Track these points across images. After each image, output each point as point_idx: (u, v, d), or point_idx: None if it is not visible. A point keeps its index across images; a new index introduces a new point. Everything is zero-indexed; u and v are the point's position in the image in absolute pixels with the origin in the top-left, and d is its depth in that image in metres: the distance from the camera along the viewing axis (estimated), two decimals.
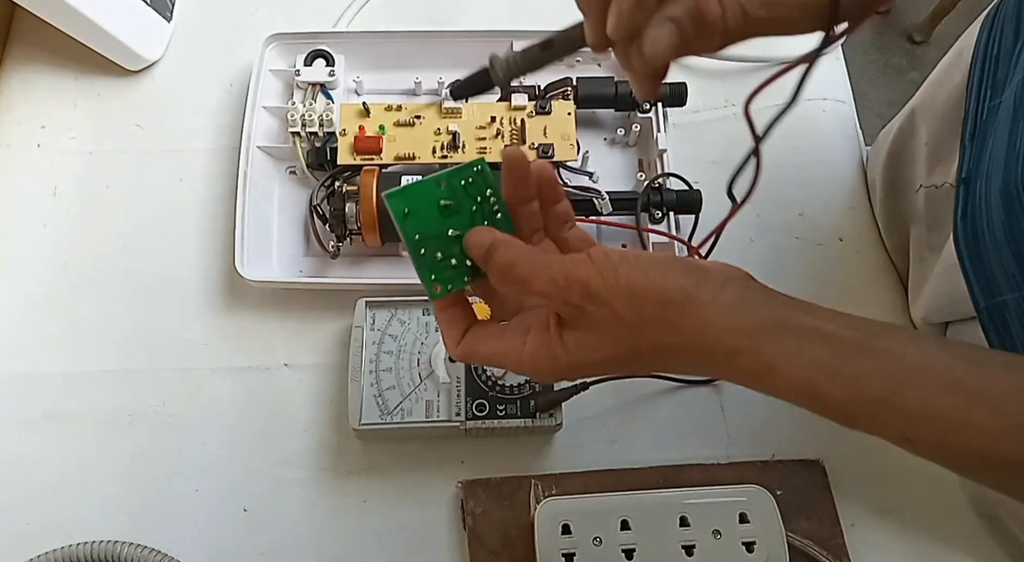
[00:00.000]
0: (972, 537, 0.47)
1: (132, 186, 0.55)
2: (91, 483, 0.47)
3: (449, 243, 0.33)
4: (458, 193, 0.34)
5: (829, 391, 0.29)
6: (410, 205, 0.33)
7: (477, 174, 0.34)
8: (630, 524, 0.43)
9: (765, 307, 0.30)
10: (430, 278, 0.33)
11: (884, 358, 0.28)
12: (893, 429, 0.29)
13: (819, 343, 0.29)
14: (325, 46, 0.55)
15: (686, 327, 0.30)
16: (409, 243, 0.33)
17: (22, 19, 0.60)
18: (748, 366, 0.30)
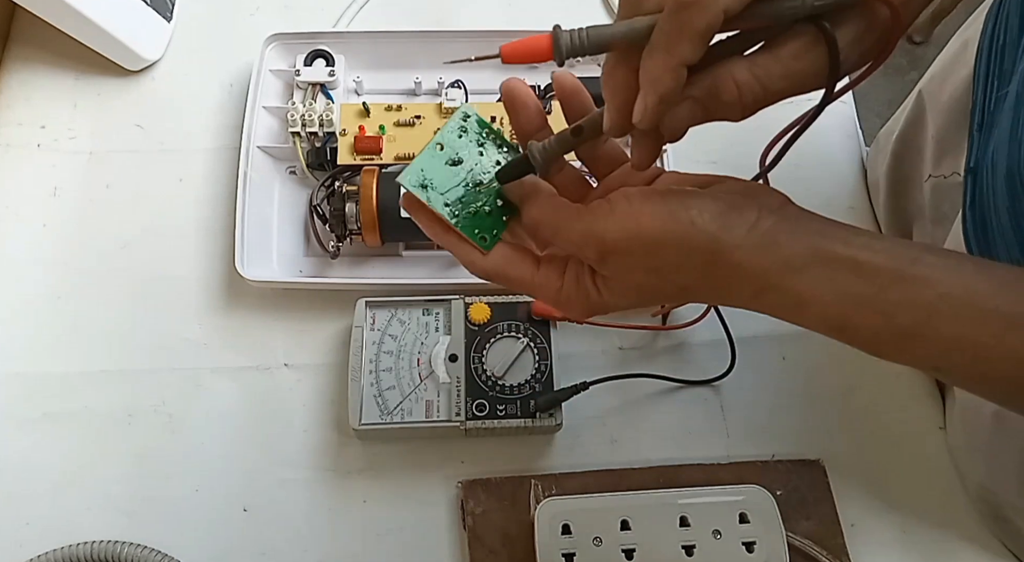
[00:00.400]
0: (973, 537, 0.47)
1: (132, 186, 0.55)
2: (91, 483, 0.47)
3: (474, 194, 0.34)
4: (459, 144, 0.34)
5: (859, 322, 0.29)
6: (425, 177, 0.33)
7: (465, 120, 0.35)
8: (630, 524, 0.43)
9: (798, 239, 0.29)
10: (475, 234, 0.34)
11: (918, 286, 0.28)
12: (923, 359, 0.29)
13: (853, 274, 0.28)
14: (325, 46, 0.55)
15: (713, 272, 0.30)
16: (444, 213, 0.33)
17: (22, 19, 0.60)
18: (778, 301, 0.30)
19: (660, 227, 0.29)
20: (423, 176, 0.33)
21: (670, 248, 0.29)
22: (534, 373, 0.47)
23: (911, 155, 0.52)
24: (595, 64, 0.58)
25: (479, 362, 0.47)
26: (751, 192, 0.31)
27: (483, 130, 0.35)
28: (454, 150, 0.34)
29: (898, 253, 0.29)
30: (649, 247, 0.29)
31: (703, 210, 0.29)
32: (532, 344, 0.48)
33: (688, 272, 0.30)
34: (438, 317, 0.49)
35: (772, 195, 0.31)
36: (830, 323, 0.29)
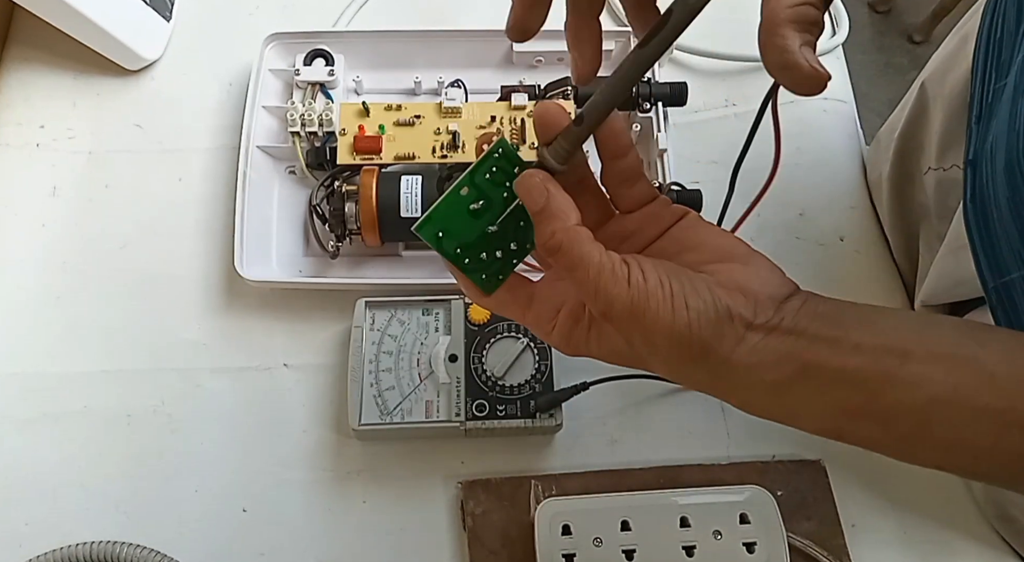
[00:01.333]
0: (974, 537, 0.47)
1: (131, 186, 0.55)
2: (91, 483, 0.47)
3: (489, 239, 0.33)
4: (485, 189, 0.32)
5: (856, 432, 0.29)
6: (442, 227, 0.32)
7: (499, 158, 0.32)
8: (630, 525, 0.43)
9: (787, 351, 0.29)
10: (481, 279, 0.33)
11: (908, 390, 0.28)
12: (927, 460, 0.29)
13: (842, 385, 0.28)
14: (325, 46, 0.55)
15: (699, 376, 0.30)
16: (453, 261, 0.33)
17: (21, 19, 0.60)
18: (769, 415, 0.30)
19: (660, 317, 0.29)
20: (443, 225, 0.32)
21: (666, 339, 0.29)
22: (534, 373, 0.47)
23: (914, 150, 0.52)
24: None
25: (479, 362, 0.47)
26: (759, 285, 0.30)
27: (514, 167, 0.32)
28: (479, 192, 0.32)
29: (889, 349, 0.28)
30: (647, 330, 0.29)
31: (700, 314, 0.29)
32: (532, 344, 0.47)
33: (680, 364, 0.30)
34: (438, 317, 0.49)
35: (779, 287, 0.30)
36: (827, 433, 0.30)
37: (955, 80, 0.47)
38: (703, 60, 0.60)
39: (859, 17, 1.67)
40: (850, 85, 0.61)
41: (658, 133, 0.54)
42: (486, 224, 0.33)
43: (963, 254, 0.42)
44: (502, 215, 0.33)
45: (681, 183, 0.52)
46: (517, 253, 0.33)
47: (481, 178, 0.32)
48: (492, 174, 0.32)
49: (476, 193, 0.32)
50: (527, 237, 0.33)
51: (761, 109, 0.32)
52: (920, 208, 0.52)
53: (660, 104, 0.54)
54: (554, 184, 0.31)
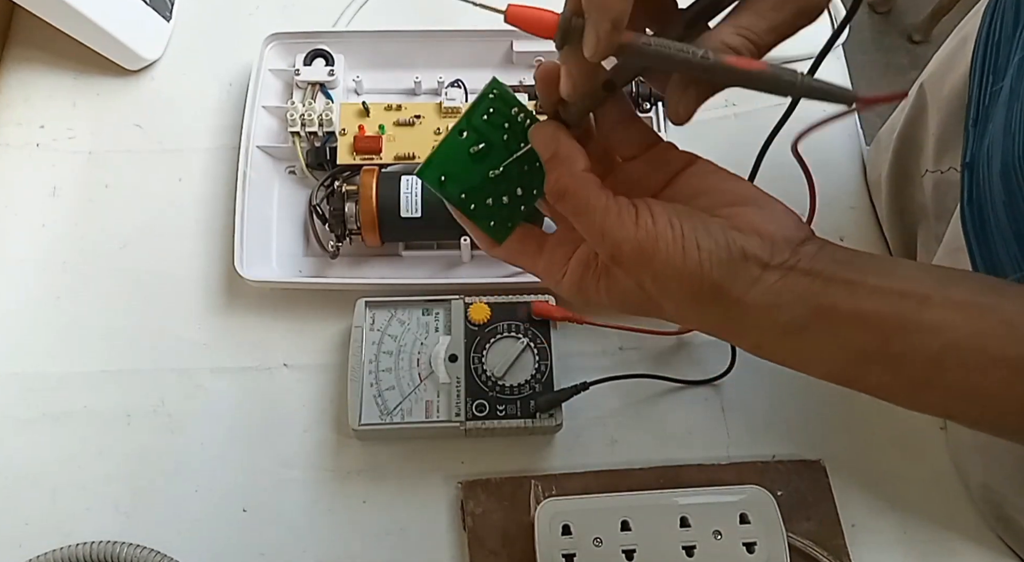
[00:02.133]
0: (974, 536, 0.47)
1: (131, 186, 0.55)
2: (91, 483, 0.47)
3: (494, 184, 0.33)
4: (484, 131, 0.32)
5: (866, 376, 0.29)
6: (443, 170, 0.32)
7: (495, 100, 0.32)
8: (630, 525, 0.43)
9: (803, 293, 0.28)
10: (489, 226, 0.33)
11: (924, 335, 0.27)
12: (934, 407, 0.29)
13: (856, 328, 0.28)
14: (325, 46, 0.55)
15: (714, 315, 0.29)
16: (459, 206, 0.32)
17: (21, 19, 0.60)
18: (779, 356, 0.30)
19: (674, 259, 0.28)
20: (443, 168, 0.32)
21: (677, 281, 0.29)
22: (534, 373, 0.47)
23: (912, 151, 0.52)
24: None
25: (479, 362, 0.47)
26: (774, 227, 0.29)
27: (511, 108, 0.32)
28: (478, 135, 0.32)
29: (907, 294, 0.28)
30: (657, 271, 0.29)
31: (712, 254, 0.28)
32: (532, 344, 0.47)
33: (691, 306, 0.30)
34: (438, 317, 0.49)
35: (796, 230, 0.30)
36: (836, 378, 0.29)
37: (953, 82, 0.47)
38: None
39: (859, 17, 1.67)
40: (850, 85, 0.61)
41: (658, 133, 0.53)
42: (488, 168, 0.32)
43: (960, 256, 0.42)
44: (504, 158, 0.32)
45: None
46: (524, 198, 0.33)
47: (479, 120, 0.32)
48: (489, 116, 0.32)
49: (475, 136, 0.32)
50: (532, 182, 0.33)
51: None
52: (918, 209, 0.52)
53: (660, 104, 0.54)
54: (564, 132, 0.31)
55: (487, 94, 0.32)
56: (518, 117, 0.33)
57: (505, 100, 0.32)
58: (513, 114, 0.32)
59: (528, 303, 0.48)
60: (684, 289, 0.29)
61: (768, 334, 0.29)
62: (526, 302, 0.48)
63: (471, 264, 0.52)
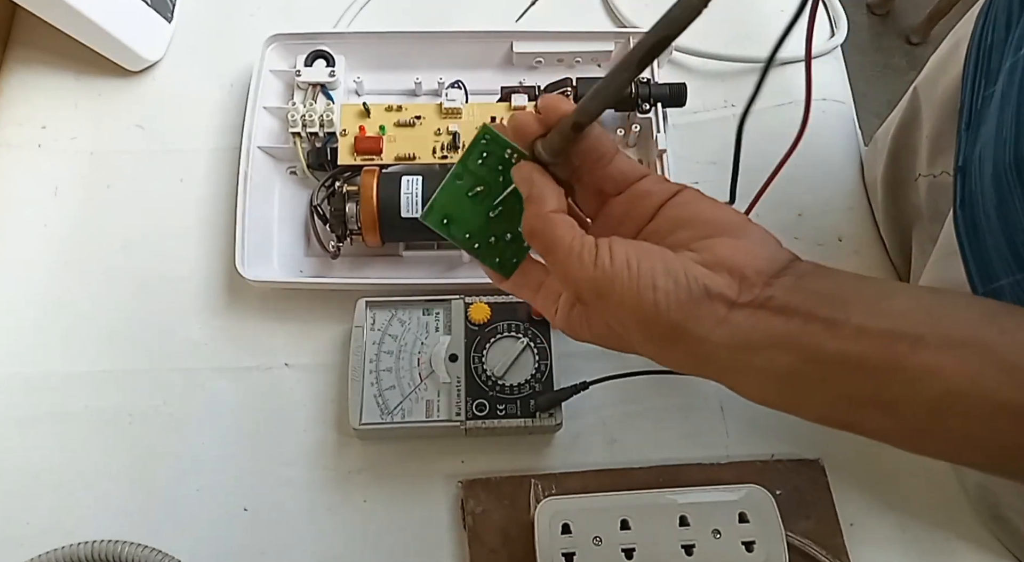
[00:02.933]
0: (972, 536, 0.47)
1: (133, 186, 0.55)
2: (92, 483, 0.47)
3: (496, 223, 0.34)
4: (480, 174, 0.34)
5: (862, 423, 0.27)
6: (445, 213, 0.34)
7: (488, 144, 0.33)
8: (630, 524, 0.43)
9: (779, 334, 0.27)
10: (496, 263, 0.34)
11: (920, 381, 0.25)
12: (939, 454, 0.27)
13: (844, 374, 0.26)
14: (325, 46, 0.55)
15: (681, 356, 0.29)
16: (465, 246, 0.34)
17: (23, 20, 0.60)
18: (767, 401, 0.28)
19: (626, 299, 0.28)
20: (444, 211, 0.34)
21: (635, 321, 0.28)
22: (534, 373, 0.47)
23: (907, 154, 0.53)
24: (595, 64, 0.59)
25: (479, 362, 0.47)
26: (745, 259, 0.28)
27: (504, 150, 0.33)
28: (475, 178, 0.34)
29: (897, 335, 0.26)
30: (616, 312, 0.28)
31: (669, 294, 0.27)
32: (532, 344, 0.48)
33: (656, 346, 0.29)
34: (438, 317, 0.49)
35: (771, 262, 0.28)
36: (832, 423, 0.28)
37: (945, 85, 0.48)
38: (702, 61, 0.60)
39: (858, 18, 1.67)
40: (848, 86, 0.61)
41: (657, 134, 0.54)
42: (488, 209, 0.34)
43: (954, 259, 0.42)
44: (503, 200, 0.34)
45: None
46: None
47: (474, 164, 0.33)
48: (484, 159, 0.33)
49: (472, 179, 0.34)
50: None
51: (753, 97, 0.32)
52: (913, 210, 0.52)
53: (659, 105, 0.54)
54: (539, 172, 0.32)
55: (479, 139, 0.33)
56: (512, 158, 0.33)
57: (498, 143, 0.33)
58: (507, 156, 0.33)
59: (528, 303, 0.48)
60: (642, 328, 0.28)
61: (746, 377, 0.28)
62: (526, 302, 0.49)
63: (471, 264, 0.53)
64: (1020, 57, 0.38)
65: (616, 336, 0.31)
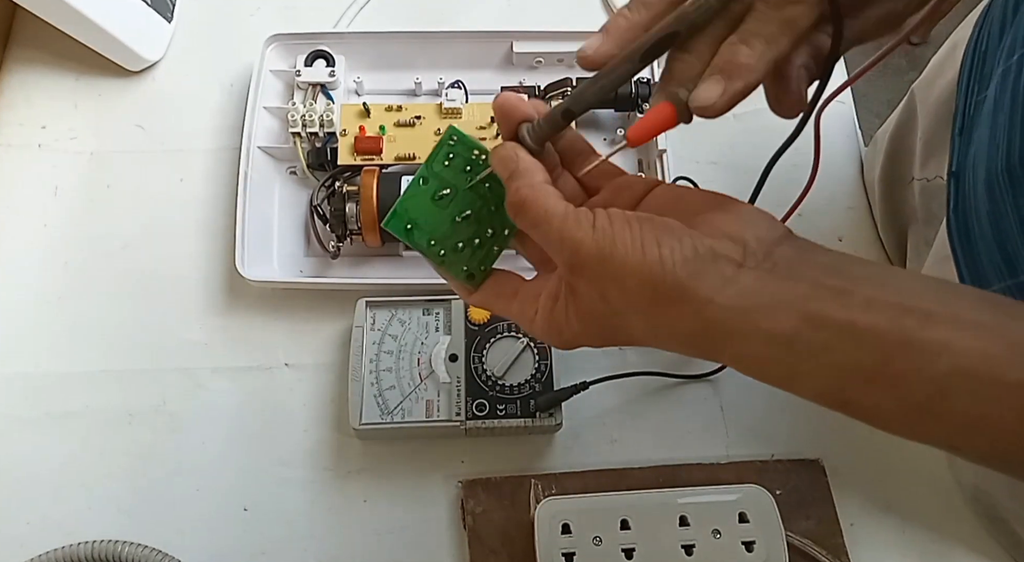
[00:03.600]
0: (972, 536, 0.47)
1: (133, 186, 0.55)
2: (92, 483, 0.47)
3: (462, 228, 0.33)
4: (446, 176, 0.33)
5: (862, 399, 0.26)
6: (408, 219, 0.32)
7: (455, 145, 0.33)
8: (630, 524, 0.43)
9: (784, 299, 0.26)
10: (463, 272, 0.33)
11: (928, 356, 0.25)
12: (937, 437, 0.26)
13: (851, 344, 0.25)
14: (325, 46, 0.55)
15: (682, 322, 0.27)
16: (427, 254, 0.33)
17: (23, 20, 0.60)
18: (761, 370, 0.27)
19: (629, 256, 0.27)
20: (407, 217, 0.32)
21: (635, 280, 0.27)
22: (534, 373, 0.47)
23: (903, 156, 0.53)
24: None
25: (479, 362, 0.47)
26: (743, 228, 0.28)
27: (471, 151, 0.33)
28: (440, 181, 0.33)
29: (907, 309, 0.25)
30: (617, 274, 0.27)
31: (674, 250, 0.27)
32: (532, 344, 0.48)
33: (658, 312, 0.28)
34: (438, 317, 0.49)
35: (769, 230, 0.28)
36: (828, 398, 0.27)
37: (940, 89, 0.48)
38: None
39: None
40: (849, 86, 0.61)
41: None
42: (454, 213, 0.33)
43: (949, 265, 0.42)
44: (468, 200, 0.33)
45: (689, 177, 0.52)
46: (495, 239, 0.33)
47: (440, 166, 0.33)
48: (450, 160, 0.33)
49: (437, 182, 0.33)
50: (504, 221, 0.33)
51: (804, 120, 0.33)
52: (910, 211, 0.52)
53: None
54: (523, 150, 0.31)
55: (446, 140, 0.33)
56: (480, 159, 0.33)
57: (465, 143, 0.33)
58: (474, 157, 0.33)
59: None
60: (645, 290, 0.27)
61: (750, 343, 0.26)
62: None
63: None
64: (1013, 63, 0.38)
65: (610, 313, 0.29)
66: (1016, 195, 0.36)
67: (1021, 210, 0.36)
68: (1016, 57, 0.38)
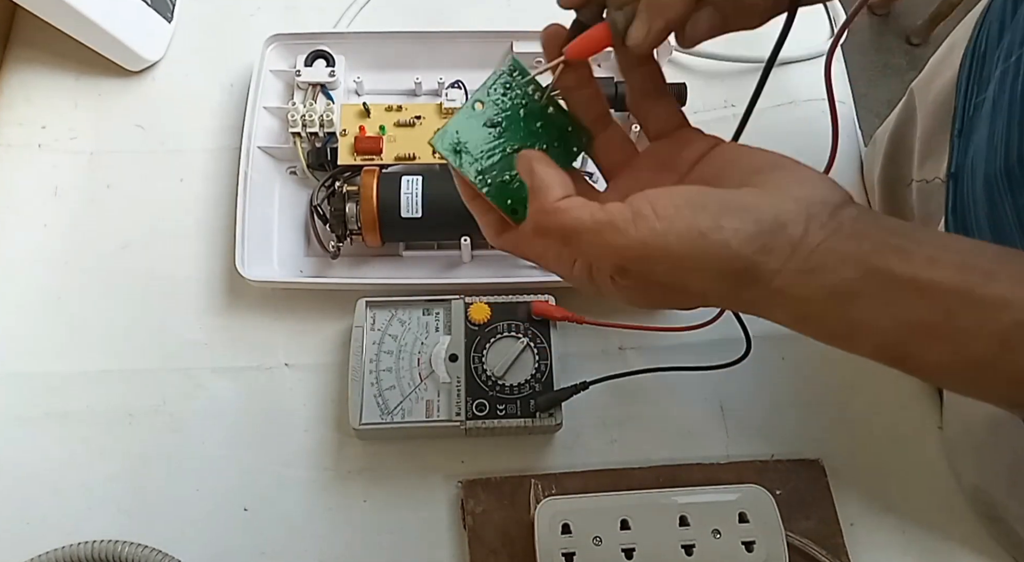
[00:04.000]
0: (971, 537, 0.47)
1: (133, 186, 0.55)
2: (91, 483, 0.47)
3: (511, 160, 0.31)
4: (501, 105, 0.32)
5: (922, 352, 0.26)
6: (458, 140, 0.31)
7: (512, 76, 0.32)
8: (630, 524, 0.43)
9: (849, 258, 0.26)
10: (507, 204, 0.31)
11: (991, 310, 0.25)
12: (994, 391, 0.27)
13: (914, 297, 0.25)
14: (325, 46, 0.55)
15: (747, 295, 0.27)
16: (474, 180, 0.31)
17: (23, 20, 0.60)
18: (825, 329, 0.27)
19: (689, 248, 0.26)
20: (457, 138, 0.31)
21: (699, 271, 0.26)
22: (534, 373, 0.47)
23: (902, 156, 0.53)
24: (595, 64, 0.58)
25: (479, 362, 0.47)
26: (807, 190, 0.27)
27: (529, 87, 0.32)
28: (495, 109, 0.31)
29: (969, 267, 0.25)
30: (675, 266, 0.26)
31: (739, 231, 0.26)
32: (532, 344, 0.48)
33: (718, 293, 0.28)
34: (438, 317, 0.49)
35: (832, 193, 0.28)
36: (888, 353, 0.27)
37: (938, 89, 0.48)
38: (702, 61, 0.60)
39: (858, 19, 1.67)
40: (849, 86, 0.61)
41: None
42: (505, 144, 0.31)
43: None
44: (522, 134, 0.31)
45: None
46: None
47: (497, 94, 0.31)
48: (507, 90, 0.31)
49: (492, 109, 0.31)
50: (558, 158, 0.31)
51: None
52: (909, 211, 0.52)
53: None
54: (539, 161, 0.29)
55: (505, 71, 0.32)
56: (535, 95, 0.32)
57: (524, 75, 0.32)
58: (531, 93, 0.32)
59: (528, 303, 0.48)
60: (710, 276, 0.26)
61: (814, 303, 0.26)
62: (526, 302, 0.49)
63: (471, 264, 0.53)
64: (1011, 64, 0.38)
65: (663, 293, 0.29)
66: (1015, 196, 0.36)
67: (1020, 211, 0.36)
68: (1014, 58, 0.38)
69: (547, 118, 0.32)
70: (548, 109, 0.32)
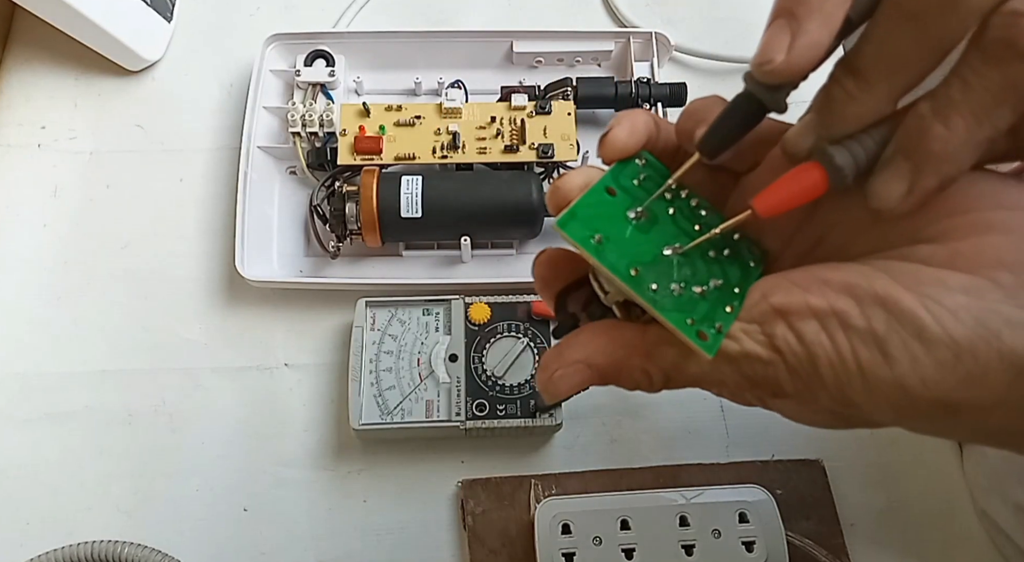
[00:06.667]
0: (972, 537, 0.47)
1: (132, 186, 0.55)
2: (91, 483, 0.47)
3: (676, 267, 0.23)
4: (639, 195, 0.24)
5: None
6: (595, 227, 0.23)
7: (645, 166, 0.25)
8: (630, 524, 0.43)
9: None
10: (687, 325, 0.22)
11: None
12: None
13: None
14: (325, 46, 0.55)
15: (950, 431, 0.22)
16: (630, 285, 0.22)
17: (22, 19, 0.60)
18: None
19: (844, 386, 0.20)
20: (594, 227, 0.22)
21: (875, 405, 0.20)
22: (534, 373, 0.47)
23: None
24: (595, 64, 0.58)
25: (479, 362, 0.47)
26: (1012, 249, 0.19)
27: (663, 178, 0.25)
28: (634, 200, 0.24)
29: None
30: (841, 401, 0.20)
31: (923, 366, 0.18)
32: (532, 344, 0.48)
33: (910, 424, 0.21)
34: (438, 317, 0.49)
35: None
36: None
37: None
38: (702, 61, 0.60)
39: None
40: None
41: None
42: (660, 242, 0.24)
43: None
44: (674, 232, 0.24)
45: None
46: (730, 285, 0.23)
47: (627, 181, 0.24)
48: (641, 181, 0.25)
49: (629, 199, 0.24)
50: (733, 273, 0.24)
51: None
52: None
53: (660, 105, 0.54)
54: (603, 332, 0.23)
55: (633, 160, 0.25)
56: (673, 187, 0.25)
57: (655, 168, 0.25)
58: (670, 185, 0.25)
59: (528, 303, 0.48)
60: (890, 412, 0.20)
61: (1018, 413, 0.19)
62: (526, 302, 0.49)
63: (471, 264, 0.53)
64: None
65: (836, 421, 0.23)
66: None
67: None
68: None
69: (700, 220, 0.25)
70: (693, 203, 0.25)
